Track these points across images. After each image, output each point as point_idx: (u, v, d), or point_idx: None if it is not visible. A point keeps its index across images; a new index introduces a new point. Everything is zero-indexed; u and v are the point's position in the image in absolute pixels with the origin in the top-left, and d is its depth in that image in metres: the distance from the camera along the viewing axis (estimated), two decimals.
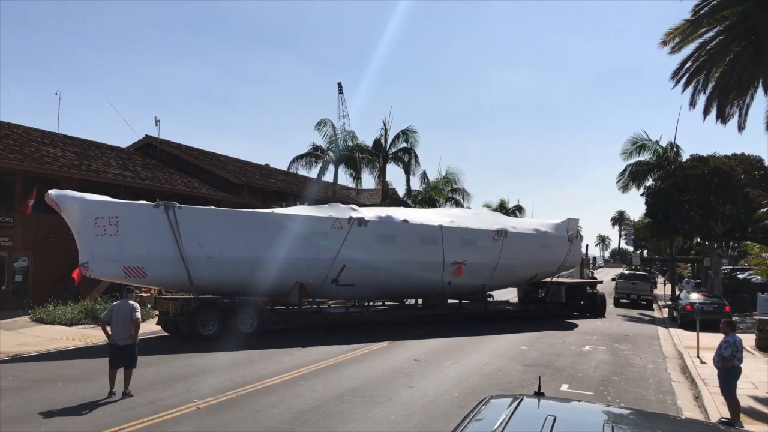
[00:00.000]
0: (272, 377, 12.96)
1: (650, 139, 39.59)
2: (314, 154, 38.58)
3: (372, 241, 20.91)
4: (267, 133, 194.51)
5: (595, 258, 72.77)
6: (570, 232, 27.44)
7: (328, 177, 39.70)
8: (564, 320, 26.36)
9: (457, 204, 44.48)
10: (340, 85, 66.29)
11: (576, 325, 24.45)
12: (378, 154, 39.39)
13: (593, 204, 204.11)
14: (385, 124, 39.49)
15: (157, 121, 33.99)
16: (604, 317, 28.54)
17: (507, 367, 15.51)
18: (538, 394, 4.60)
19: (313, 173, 39.27)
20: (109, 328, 11.38)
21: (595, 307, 29.07)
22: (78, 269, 16.56)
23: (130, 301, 11.41)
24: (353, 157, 38.31)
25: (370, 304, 23.18)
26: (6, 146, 21.68)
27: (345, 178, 40.73)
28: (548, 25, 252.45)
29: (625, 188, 40.72)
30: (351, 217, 20.55)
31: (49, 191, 16.75)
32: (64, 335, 17.59)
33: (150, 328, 18.96)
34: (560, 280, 29.15)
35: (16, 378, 12.28)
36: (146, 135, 34.94)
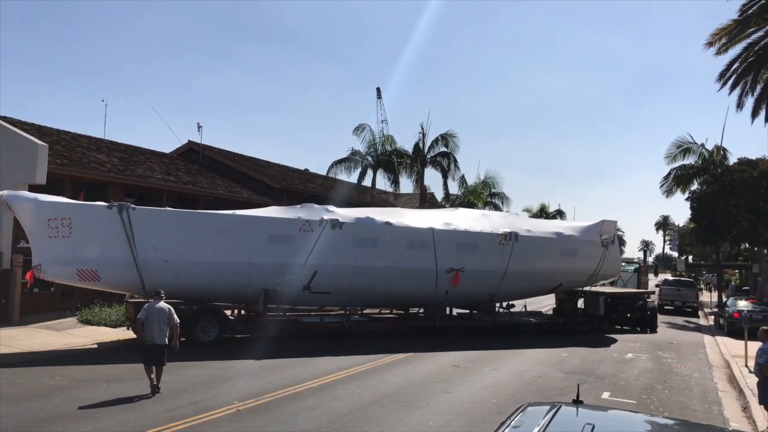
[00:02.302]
0: (311, 380, 13.05)
1: (695, 142, 38.72)
2: (353, 159, 38.81)
3: (349, 245, 19.09)
4: (306, 138, 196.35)
5: (656, 266, 65.19)
6: (604, 236, 24.22)
7: (367, 181, 39.89)
8: (603, 335, 23.68)
9: (496, 208, 44.15)
10: (378, 90, 66.46)
11: (615, 340, 22.29)
12: (416, 159, 39.39)
13: (636, 208, 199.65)
14: (423, 129, 39.50)
15: (199, 126, 34.75)
16: (656, 332, 25.43)
17: (547, 374, 15.32)
18: (577, 402, 4.53)
19: (353, 178, 39.52)
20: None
21: (644, 321, 25.78)
22: (31, 271, 16.35)
23: (163, 303, 11.95)
24: (391, 161, 38.40)
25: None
26: (55, 152, 22.33)
27: (383, 183, 40.89)
28: (585, 26, 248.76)
29: (669, 192, 39.81)
30: (323, 219, 18.82)
31: (1, 192, 16.34)
32: (109, 336, 18.02)
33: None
34: (598, 289, 26.29)
35: (64, 377, 12.65)
36: (189, 140, 35.66)
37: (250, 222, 18.32)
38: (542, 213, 65.69)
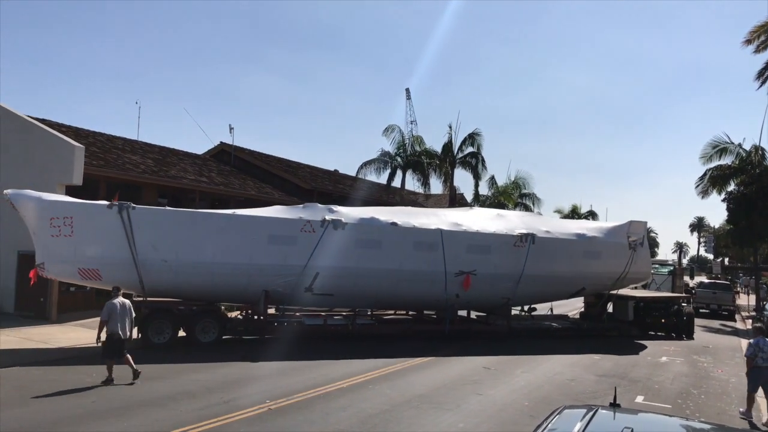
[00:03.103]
0: (341, 380, 13.09)
1: (732, 142, 37.79)
2: (382, 160, 38.92)
3: (351, 246, 18.50)
4: (334, 139, 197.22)
5: (692, 268, 60.78)
6: (632, 237, 22.96)
7: (397, 182, 39.93)
8: (635, 339, 22.86)
9: (527, 209, 43.84)
10: (407, 90, 66.85)
11: (648, 344, 21.61)
12: (446, 159, 39.27)
13: (669, 209, 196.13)
14: (452, 129, 39.36)
15: (231, 128, 35.27)
16: (693, 339, 24.12)
17: (579, 377, 15.13)
18: (614, 405, 4.46)
19: (382, 179, 39.60)
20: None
21: (679, 327, 24.40)
22: (34, 269, 16.48)
23: (122, 298, 12.82)
24: (421, 162, 38.41)
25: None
26: (91, 153, 22.75)
27: (413, 184, 40.90)
28: (615, 24, 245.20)
29: (704, 193, 38.93)
30: (325, 219, 18.30)
31: (5, 191, 16.62)
32: None
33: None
34: (628, 293, 25.10)
35: (99, 375, 12.82)
36: (221, 142, 36.06)
37: (249, 222, 17.94)
38: (574, 214, 64.98)
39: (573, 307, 29.18)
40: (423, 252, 19.48)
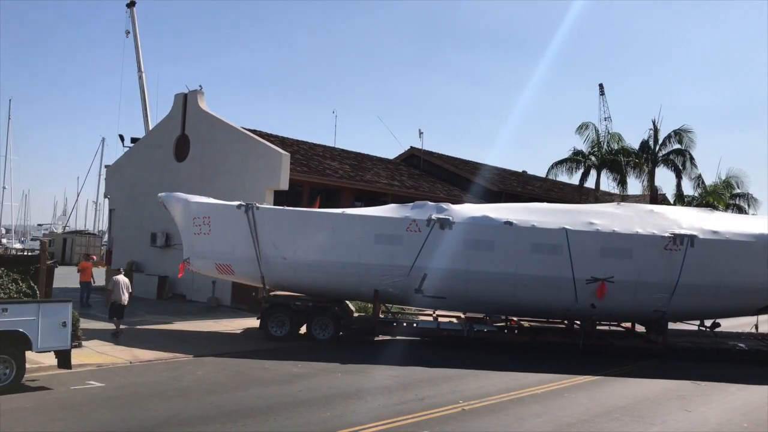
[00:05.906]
0: (535, 386, 12.79)
1: None
2: (575, 159, 37.31)
3: (460, 247, 17.37)
4: (522, 139, 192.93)
5: None
6: None
7: (590, 183, 38.13)
8: None
9: (740, 210, 39.54)
10: (601, 86, 63.62)
11: None
12: (646, 157, 36.70)
13: None
14: (654, 125, 36.69)
15: (420, 132, 36.02)
16: None
17: None
18: None
19: (574, 179, 38.05)
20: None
21: None
22: (182, 264, 18.54)
23: (123, 276, 16.75)
24: (617, 161, 36.22)
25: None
26: (296, 161, 24.54)
27: (607, 184, 38.76)
28: None
29: None
30: (431, 219, 17.43)
31: (160, 194, 18.90)
32: None
33: None
34: None
35: (305, 366, 13.88)
36: (411, 147, 37.12)
37: (356, 221, 18.07)
38: None
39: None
40: (543, 254, 17.47)
